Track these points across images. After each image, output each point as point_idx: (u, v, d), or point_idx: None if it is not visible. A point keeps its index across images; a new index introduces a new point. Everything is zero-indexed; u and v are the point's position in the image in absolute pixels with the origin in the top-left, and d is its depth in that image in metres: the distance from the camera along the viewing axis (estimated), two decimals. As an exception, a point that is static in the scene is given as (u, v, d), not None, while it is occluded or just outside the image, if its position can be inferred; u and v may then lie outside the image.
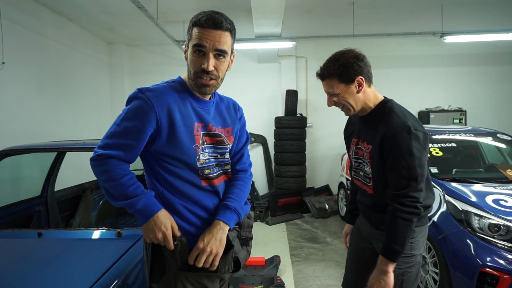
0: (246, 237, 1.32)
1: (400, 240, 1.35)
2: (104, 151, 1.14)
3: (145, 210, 1.12)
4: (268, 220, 5.29)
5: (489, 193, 2.65)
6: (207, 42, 1.14)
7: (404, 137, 1.34)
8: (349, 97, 1.46)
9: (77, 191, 3.37)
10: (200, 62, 1.16)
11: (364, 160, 1.51)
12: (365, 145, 1.50)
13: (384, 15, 5.28)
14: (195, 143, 1.20)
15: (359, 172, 1.59)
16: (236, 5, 4.74)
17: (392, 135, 1.36)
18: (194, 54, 1.17)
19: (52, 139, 3.78)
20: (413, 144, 1.33)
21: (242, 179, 1.36)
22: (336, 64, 1.43)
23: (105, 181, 1.14)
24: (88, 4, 4.62)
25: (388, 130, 1.37)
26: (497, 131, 3.73)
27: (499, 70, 6.76)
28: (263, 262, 3.47)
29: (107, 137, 1.16)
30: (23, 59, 4.18)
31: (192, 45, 1.16)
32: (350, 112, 1.50)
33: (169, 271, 1.17)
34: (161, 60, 6.70)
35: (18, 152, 2.43)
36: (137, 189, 1.14)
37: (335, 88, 1.46)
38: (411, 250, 1.46)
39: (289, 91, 6.08)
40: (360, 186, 1.62)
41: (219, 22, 1.14)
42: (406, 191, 1.34)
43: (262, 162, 6.78)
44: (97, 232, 1.94)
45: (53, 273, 1.53)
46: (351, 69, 1.42)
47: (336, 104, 1.50)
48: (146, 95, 1.15)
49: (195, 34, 1.15)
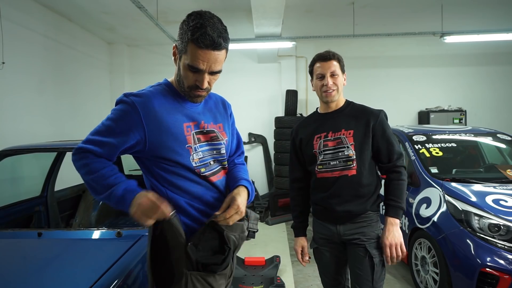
0: (252, 229, 1.33)
1: (404, 199, 1.67)
2: (84, 145, 1.15)
3: (125, 193, 1.09)
4: (268, 220, 5.30)
5: (489, 193, 2.65)
6: (204, 65, 1.12)
7: (384, 120, 1.73)
8: (341, 83, 1.72)
9: (77, 191, 3.37)
10: (194, 79, 1.16)
11: (345, 146, 1.67)
12: (343, 132, 1.69)
13: (384, 15, 5.28)
14: (187, 143, 1.20)
15: (332, 162, 1.68)
16: (236, 5, 4.74)
17: (380, 118, 1.70)
18: (188, 69, 1.15)
19: (52, 139, 3.78)
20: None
21: (243, 168, 1.42)
22: (336, 55, 1.73)
23: (85, 174, 1.14)
24: (88, 4, 4.62)
25: (374, 115, 1.70)
26: (497, 131, 3.73)
27: (499, 70, 6.75)
28: (263, 262, 3.47)
29: (91, 134, 1.18)
30: (23, 59, 4.18)
31: (188, 64, 1.14)
32: (334, 98, 1.71)
33: (177, 274, 1.16)
34: (161, 60, 6.70)
35: (18, 152, 2.43)
36: (117, 179, 1.12)
37: (337, 70, 1.69)
38: None
39: (289, 91, 6.09)
40: (336, 175, 1.67)
41: (218, 45, 1.11)
42: (402, 159, 1.71)
43: (262, 162, 6.77)
44: (97, 232, 1.94)
45: (53, 273, 1.53)
46: (344, 65, 1.75)
47: (331, 86, 1.68)
48: (131, 99, 1.15)
49: (191, 53, 1.11)
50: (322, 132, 1.73)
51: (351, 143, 1.66)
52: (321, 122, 1.77)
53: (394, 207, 1.65)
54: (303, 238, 1.86)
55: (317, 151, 1.72)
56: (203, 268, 1.17)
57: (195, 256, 1.16)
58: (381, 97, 6.38)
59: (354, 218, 1.67)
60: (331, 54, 1.72)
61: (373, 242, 1.66)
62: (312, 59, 1.77)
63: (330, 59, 1.70)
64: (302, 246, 1.84)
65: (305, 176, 1.84)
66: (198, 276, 1.16)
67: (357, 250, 1.66)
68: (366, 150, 1.67)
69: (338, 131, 1.70)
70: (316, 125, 1.77)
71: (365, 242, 1.65)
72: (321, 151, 1.71)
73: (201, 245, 1.17)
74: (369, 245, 1.65)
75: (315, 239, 1.83)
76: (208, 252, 1.19)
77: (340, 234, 1.70)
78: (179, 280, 1.15)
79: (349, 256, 1.72)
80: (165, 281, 1.19)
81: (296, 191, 1.88)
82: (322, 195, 1.72)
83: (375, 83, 6.63)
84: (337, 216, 1.68)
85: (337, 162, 1.68)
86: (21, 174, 3.90)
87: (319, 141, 1.72)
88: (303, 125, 1.85)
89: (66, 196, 3.22)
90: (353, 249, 1.68)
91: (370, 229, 1.67)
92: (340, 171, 1.66)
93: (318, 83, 1.72)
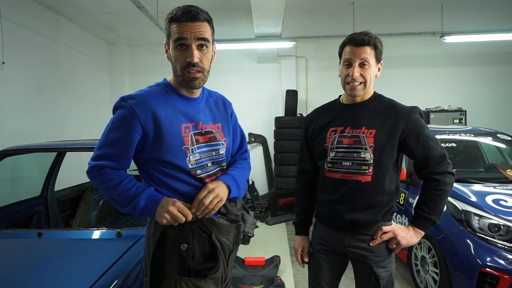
0: (248, 233, 1.31)
1: (437, 211, 1.42)
2: (96, 163, 1.17)
3: (149, 201, 1.14)
4: (268, 220, 5.29)
5: (489, 193, 2.65)
6: (188, 34, 1.14)
7: (418, 120, 1.43)
8: (372, 75, 1.45)
9: (77, 191, 3.37)
10: (185, 56, 1.16)
11: (362, 147, 1.42)
12: (363, 130, 1.43)
13: (384, 15, 5.28)
14: (184, 144, 1.19)
15: (344, 162, 1.45)
16: (236, 5, 4.74)
17: (411, 119, 1.41)
18: (177, 50, 1.17)
19: (52, 139, 3.78)
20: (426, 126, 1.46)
21: (241, 163, 1.40)
22: (377, 39, 1.42)
23: (106, 190, 1.17)
24: (88, 4, 4.62)
25: (404, 115, 1.42)
26: (497, 131, 3.73)
27: (499, 70, 6.75)
28: (263, 262, 3.47)
29: (98, 148, 1.19)
30: (23, 59, 4.18)
31: (173, 40, 1.16)
32: (359, 92, 1.45)
33: (168, 276, 1.16)
34: (161, 60, 6.67)
35: (18, 152, 2.43)
36: (138, 189, 1.16)
37: (370, 59, 1.41)
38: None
39: (289, 91, 6.08)
40: (347, 178, 1.45)
41: (195, 14, 1.14)
42: (446, 164, 1.43)
43: (262, 162, 6.77)
44: (97, 232, 1.94)
45: (53, 273, 1.53)
46: (381, 51, 1.45)
47: (357, 78, 1.41)
48: (129, 103, 1.15)
49: (174, 29, 1.15)
50: (339, 126, 1.49)
51: (371, 145, 1.41)
52: (340, 113, 1.52)
53: (422, 217, 1.43)
54: (305, 237, 1.66)
55: (329, 146, 1.49)
56: (195, 273, 1.16)
57: (188, 261, 1.16)
58: (381, 97, 6.37)
59: (362, 229, 1.45)
60: (367, 38, 1.39)
61: (381, 260, 1.45)
62: (344, 40, 1.47)
63: (364, 45, 1.39)
64: (303, 246, 1.64)
65: (314, 170, 1.62)
66: (188, 282, 1.15)
67: (362, 268, 1.48)
68: (387, 155, 1.41)
69: (357, 128, 1.44)
70: (334, 116, 1.53)
71: (371, 261, 1.44)
72: (333, 147, 1.47)
73: (194, 249, 1.17)
74: (376, 265, 1.44)
75: (313, 244, 1.61)
76: (200, 257, 1.19)
77: (344, 245, 1.48)
78: (169, 285, 1.15)
79: (354, 271, 1.55)
80: (153, 285, 1.19)
81: (302, 184, 1.67)
82: (328, 197, 1.51)
83: (375, 83, 6.54)
84: (343, 224, 1.47)
85: (350, 163, 1.44)
86: (21, 174, 3.91)
87: (334, 136, 1.48)
88: (319, 113, 1.61)
89: (66, 196, 3.22)
90: (358, 266, 1.50)
91: (378, 244, 1.45)
92: (352, 175, 1.44)
93: (344, 71, 1.45)
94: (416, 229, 1.44)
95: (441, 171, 1.42)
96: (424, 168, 1.44)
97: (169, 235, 1.18)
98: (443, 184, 1.41)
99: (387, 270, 1.45)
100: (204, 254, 1.20)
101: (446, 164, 1.43)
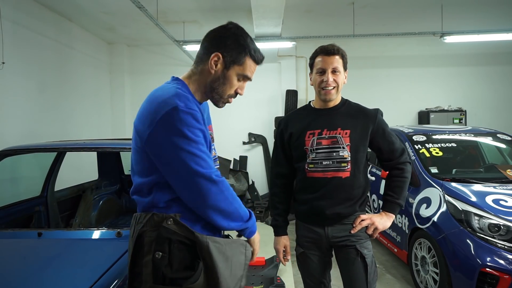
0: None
1: (403, 196, 1.66)
2: (218, 178, 1.13)
3: (252, 227, 1.28)
4: (268, 220, 5.29)
5: (489, 193, 2.65)
6: (252, 76, 1.27)
7: (382, 119, 1.69)
8: (342, 81, 1.64)
9: (77, 191, 3.36)
10: (237, 87, 1.26)
11: (340, 146, 1.60)
12: (339, 131, 1.61)
13: (384, 15, 5.28)
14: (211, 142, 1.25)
15: (324, 162, 1.60)
16: (236, 5, 4.74)
17: (378, 119, 1.65)
18: (238, 80, 1.25)
19: (52, 139, 3.78)
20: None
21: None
22: (341, 50, 1.63)
23: (222, 201, 1.14)
24: (88, 4, 4.62)
25: (371, 116, 1.65)
26: (497, 131, 3.74)
27: (499, 70, 6.76)
28: (263, 262, 3.47)
29: (201, 167, 1.10)
30: (23, 59, 4.18)
31: (242, 74, 1.25)
32: (333, 97, 1.63)
33: (144, 285, 1.12)
34: (161, 60, 6.70)
35: (18, 152, 2.43)
36: (245, 208, 1.25)
37: (339, 67, 1.61)
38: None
39: (289, 91, 6.08)
40: (329, 176, 1.59)
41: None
42: (405, 155, 1.69)
43: (262, 162, 6.77)
44: (97, 232, 1.94)
45: (53, 273, 1.53)
46: (347, 61, 1.66)
47: (331, 83, 1.60)
48: (189, 106, 1.11)
49: (248, 65, 1.25)
50: (316, 129, 1.64)
51: (347, 143, 1.59)
52: (315, 117, 1.68)
53: (391, 202, 1.65)
54: (286, 237, 1.77)
55: (308, 148, 1.63)
56: (170, 281, 1.11)
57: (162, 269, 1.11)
58: (381, 97, 6.38)
59: (342, 220, 1.62)
60: (336, 48, 1.61)
61: (363, 241, 1.62)
62: (315, 51, 1.66)
63: (334, 54, 1.60)
64: (285, 245, 1.76)
65: (290, 172, 1.76)
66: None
67: (348, 252, 1.62)
68: (362, 152, 1.62)
69: (333, 130, 1.62)
70: (309, 120, 1.68)
71: (355, 243, 1.60)
72: (313, 149, 1.62)
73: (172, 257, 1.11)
74: (360, 245, 1.60)
75: (301, 244, 1.73)
76: (179, 266, 1.12)
77: (328, 237, 1.64)
78: None
79: (340, 261, 1.68)
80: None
81: (280, 188, 1.78)
82: (310, 195, 1.64)
83: (375, 83, 6.63)
84: (325, 218, 1.62)
85: (330, 162, 1.60)
86: (21, 174, 3.91)
87: (312, 138, 1.63)
88: (294, 118, 1.75)
89: (66, 196, 3.22)
90: (343, 252, 1.64)
91: (359, 230, 1.63)
92: (333, 172, 1.59)
93: (318, 78, 1.62)
94: (388, 214, 1.66)
95: (402, 161, 1.67)
96: (390, 160, 1.68)
97: (145, 240, 1.13)
98: (407, 172, 1.67)
99: (369, 250, 1.63)
100: (185, 263, 1.14)
101: (406, 155, 1.70)
